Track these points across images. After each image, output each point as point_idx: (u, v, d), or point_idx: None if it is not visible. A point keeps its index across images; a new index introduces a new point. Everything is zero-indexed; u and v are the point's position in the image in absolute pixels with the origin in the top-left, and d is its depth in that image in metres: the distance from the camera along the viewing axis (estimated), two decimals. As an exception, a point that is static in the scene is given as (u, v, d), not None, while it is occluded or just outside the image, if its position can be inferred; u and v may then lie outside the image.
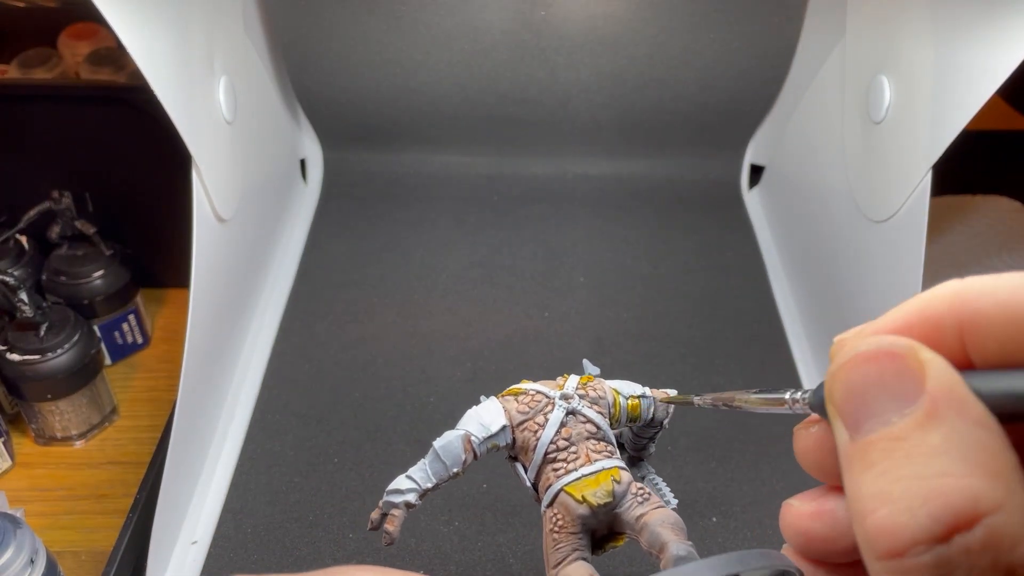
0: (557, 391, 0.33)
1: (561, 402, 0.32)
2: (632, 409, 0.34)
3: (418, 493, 0.32)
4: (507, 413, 0.33)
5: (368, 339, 0.62)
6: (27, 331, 0.54)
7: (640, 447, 0.37)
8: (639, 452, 0.38)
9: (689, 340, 0.62)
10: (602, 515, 0.30)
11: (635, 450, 0.38)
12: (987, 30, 0.43)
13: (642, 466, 0.38)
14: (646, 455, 0.38)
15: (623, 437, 0.38)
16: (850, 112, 0.58)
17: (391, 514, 0.32)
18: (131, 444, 0.58)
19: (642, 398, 0.35)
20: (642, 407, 0.34)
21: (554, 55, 0.72)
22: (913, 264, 0.46)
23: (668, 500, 0.35)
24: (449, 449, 0.32)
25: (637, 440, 0.37)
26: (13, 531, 0.43)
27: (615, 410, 0.34)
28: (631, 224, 0.73)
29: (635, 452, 0.38)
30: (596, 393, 0.33)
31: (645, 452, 0.38)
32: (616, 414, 0.34)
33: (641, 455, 0.38)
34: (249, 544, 0.49)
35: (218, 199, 0.51)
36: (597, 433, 0.32)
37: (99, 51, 0.72)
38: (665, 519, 0.29)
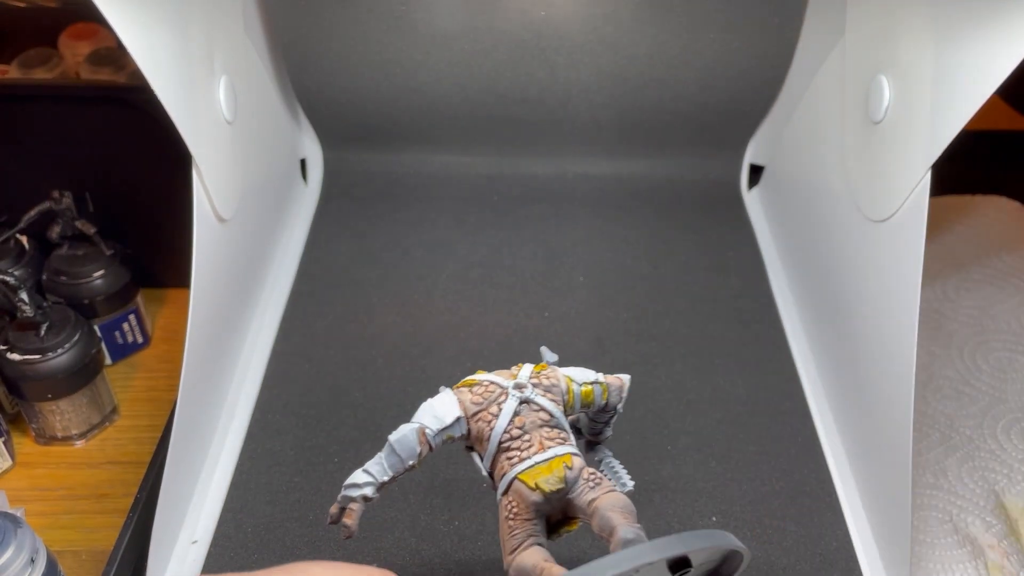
0: (511, 381, 0.33)
1: (514, 392, 0.33)
2: (585, 396, 0.35)
3: (375, 487, 0.33)
4: (461, 404, 0.33)
5: (368, 339, 0.62)
6: (27, 331, 0.54)
7: (596, 431, 0.38)
8: (596, 436, 0.38)
9: (689, 340, 0.62)
10: (555, 501, 0.31)
11: (592, 434, 0.38)
12: (986, 30, 0.43)
13: (599, 449, 0.39)
14: (603, 439, 0.38)
15: (580, 423, 0.38)
16: (850, 112, 0.58)
17: (349, 508, 0.32)
18: (131, 444, 0.58)
19: (595, 384, 0.35)
20: (595, 393, 0.35)
21: (554, 55, 0.72)
22: (912, 264, 0.46)
23: (624, 483, 0.35)
24: (404, 442, 0.33)
25: (593, 425, 0.38)
26: (13, 530, 0.43)
27: (569, 397, 0.34)
28: (631, 224, 0.73)
29: (592, 436, 0.38)
30: (549, 381, 0.34)
31: (602, 436, 0.38)
32: (570, 401, 0.34)
33: (598, 439, 0.38)
34: (249, 543, 0.49)
35: (218, 199, 0.51)
36: (550, 421, 0.32)
37: (99, 51, 0.72)
38: (615, 503, 0.30)
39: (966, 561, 0.49)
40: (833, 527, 0.50)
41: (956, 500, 0.52)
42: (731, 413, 0.57)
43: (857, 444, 0.54)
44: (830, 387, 0.59)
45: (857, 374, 0.54)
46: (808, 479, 0.53)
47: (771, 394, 0.58)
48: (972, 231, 0.72)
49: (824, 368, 0.60)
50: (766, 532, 0.50)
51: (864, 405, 0.53)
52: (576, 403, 0.34)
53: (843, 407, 0.57)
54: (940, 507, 0.52)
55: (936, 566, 0.49)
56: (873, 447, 0.51)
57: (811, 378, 0.60)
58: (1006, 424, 0.57)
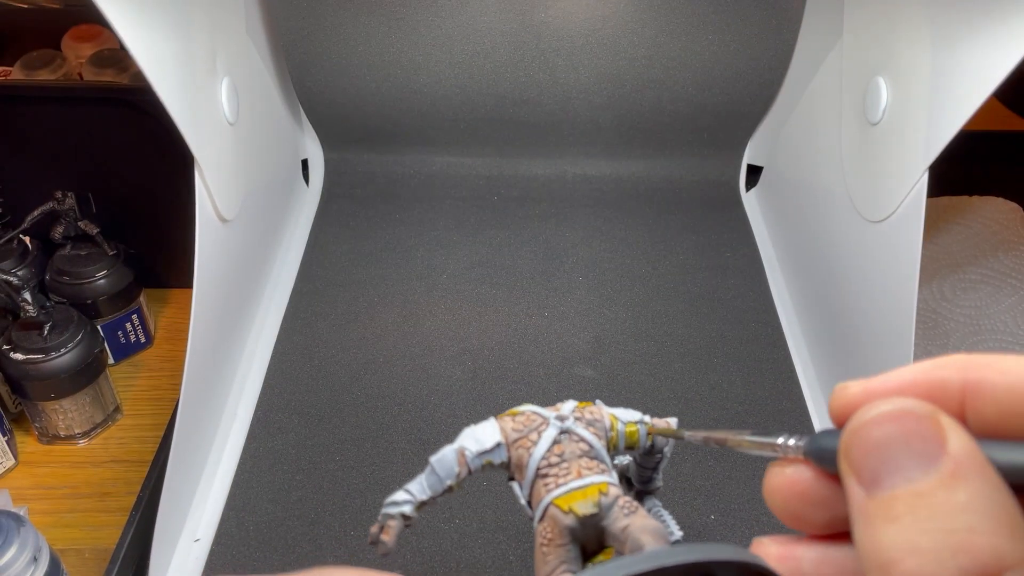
0: (554, 412, 0.33)
1: (555, 421, 0.33)
2: (630, 435, 0.34)
3: (413, 505, 0.33)
4: (503, 431, 0.33)
5: (369, 338, 0.62)
6: (31, 331, 0.55)
7: (646, 479, 0.37)
8: (645, 485, 0.38)
9: (688, 340, 0.63)
10: (589, 527, 0.31)
11: (641, 483, 0.38)
12: (984, 32, 0.43)
13: (648, 499, 0.38)
14: (652, 488, 0.38)
15: (629, 471, 0.38)
16: (847, 113, 0.58)
17: (387, 525, 0.33)
18: (134, 443, 0.59)
19: (640, 423, 0.35)
20: (640, 433, 0.35)
21: (554, 56, 0.73)
22: (910, 264, 0.47)
23: (672, 532, 0.35)
24: (443, 463, 0.33)
25: (642, 472, 0.37)
26: (17, 529, 0.44)
27: (613, 434, 0.34)
28: (630, 224, 0.74)
29: (641, 486, 0.38)
30: (592, 416, 0.34)
31: (651, 485, 0.37)
32: (614, 439, 0.34)
33: (647, 488, 0.38)
34: (251, 542, 0.49)
35: (220, 200, 0.51)
36: (590, 452, 0.32)
37: (102, 53, 0.73)
38: (647, 526, 0.30)
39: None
40: (831, 525, 0.50)
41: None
42: (729, 412, 0.57)
43: (855, 443, 0.54)
44: (828, 387, 0.59)
45: (854, 374, 0.54)
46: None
47: (769, 393, 0.59)
48: (969, 231, 0.72)
49: (822, 368, 0.61)
50: (764, 531, 0.50)
51: (862, 404, 0.53)
52: (620, 442, 0.34)
53: (841, 406, 0.57)
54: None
55: (933, 564, 0.49)
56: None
57: (808, 377, 0.61)
58: (1003, 423, 0.57)
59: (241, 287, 0.60)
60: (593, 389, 0.59)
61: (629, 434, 0.34)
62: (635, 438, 0.34)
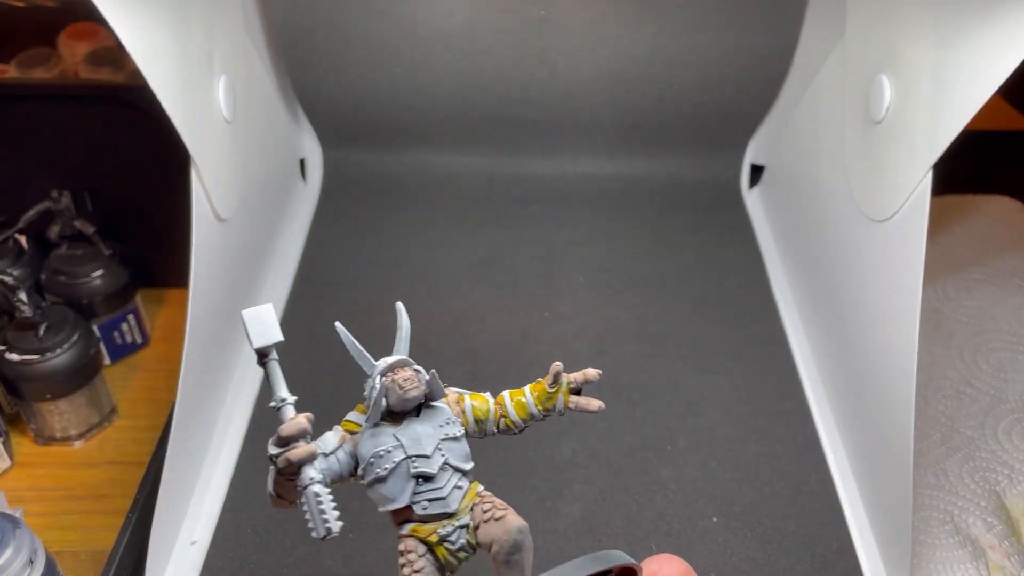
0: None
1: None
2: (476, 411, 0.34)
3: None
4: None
5: (368, 339, 0.61)
6: (26, 331, 0.54)
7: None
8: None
9: (689, 340, 0.62)
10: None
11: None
12: (988, 29, 0.43)
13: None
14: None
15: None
16: (850, 111, 0.58)
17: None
18: (130, 444, 0.58)
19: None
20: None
21: (554, 55, 0.72)
22: (914, 264, 0.46)
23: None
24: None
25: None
26: (12, 531, 0.43)
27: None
28: (631, 224, 0.73)
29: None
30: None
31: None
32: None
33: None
34: (249, 544, 0.49)
35: (217, 199, 0.51)
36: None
37: (98, 51, 0.72)
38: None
39: (967, 562, 0.49)
40: (834, 528, 0.50)
41: (957, 501, 0.52)
42: (731, 413, 0.57)
43: (858, 444, 0.54)
44: (831, 387, 0.59)
45: (858, 374, 0.54)
46: (809, 479, 0.53)
47: (771, 394, 0.58)
48: (973, 231, 0.72)
49: (825, 368, 0.60)
50: (767, 533, 0.49)
51: (865, 405, 0.53)
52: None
53: (844, 407, 0.56)
54: (941, 508, 0.52)
55: (937, 567, 0.49)
56: (874, 447, 0.51)
57: (811, 378, 0.60)
58: (1007, 424, 0.57)
59: (238, 287, 0.59)
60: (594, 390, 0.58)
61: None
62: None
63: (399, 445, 0.30)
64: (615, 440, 0.55)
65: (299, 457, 0.29)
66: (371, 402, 0.31)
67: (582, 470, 0.53)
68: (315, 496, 0.29)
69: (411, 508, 0.30)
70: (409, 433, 0.30)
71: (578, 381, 0.34)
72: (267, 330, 0.30)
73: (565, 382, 0.34)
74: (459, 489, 0.31)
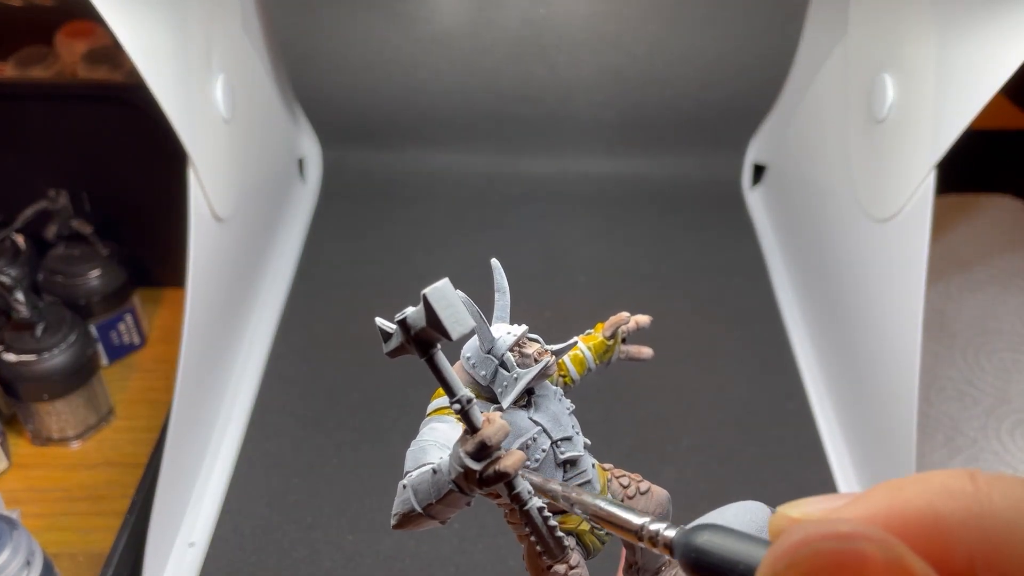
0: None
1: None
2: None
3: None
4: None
5: (367, 339, 0.61)
6: (23, 331, 0.54)
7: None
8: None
9: (690, 340, 0.62)
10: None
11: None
12: (990, 28, 0.43)
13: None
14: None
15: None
16: (853, 110, 0.58)
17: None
18: (128, 445, 0.58)
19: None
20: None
21: (554, 53, 0.72)
22: (916, 263, 0.46)
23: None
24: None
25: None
26: (9, 532, 0.43)
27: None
28: (632, 223, 0.73)
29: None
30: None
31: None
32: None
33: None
34: (247, 546, 0.48)
35: (215, 198, 0.51)
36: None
37: (96, 50, 0.72)
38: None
39: (970, 563, 0.49)
40: (836, 529, 0.50)
41: (960, 502, 0.52)
42: (733, 414, 0.57)
43: (860, 445, 0.53)
44: (833, 388, 0.58)
45: (860, 374, 0.54)
46: (811, 480, 0.52)
47: (774, 395, 0.58)
48: (976, 230, 0.71)
49: (827, 369, 0.60)
50: (768, 534, 0.49)
51: (867, 405, 0.52)
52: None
53: (846, 408, 0.56)
54: (944, 509, 0.52)
55: (940, 569, 0.48)
56: (877, 448, 0.51)
57: (814, 379, 0.60)
58: (1010, 425, 0.56)
59: (236, 287, 0.59)
60: (594, 390, 0.58)
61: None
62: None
63: (542, 430, 0.26)
64: (615, 440, 0.55)
65: (516, 466, 0.23)
66: (501, 383, 0.26)
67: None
68: (540, 512, 0.24)
69: (582, 488, 0.25)
70: (546, 415, 0.26)
71: (630, 329, 0.31)
72: (457, 314, 0.22)
73: (620, 332, 0.30)
74: (593, 468, 0.27)
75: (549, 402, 0.26)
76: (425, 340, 0.23)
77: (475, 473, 0.22)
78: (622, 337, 0.31)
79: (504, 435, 0.22)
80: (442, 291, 0.22)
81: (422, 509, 0.24)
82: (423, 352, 0.23)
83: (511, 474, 0.22)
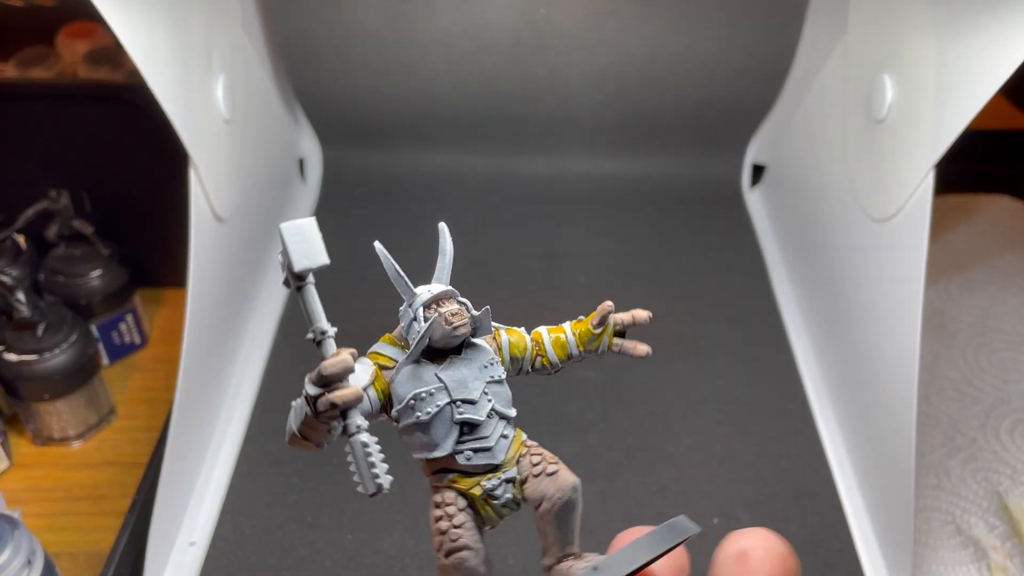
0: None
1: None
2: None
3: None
4: None
5: (367, 339, 0.61)
6: (24, 331, 0.54)
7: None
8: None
9: (690, 340, 0.62)
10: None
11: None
12: (990, 28, 0.43)
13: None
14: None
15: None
16: (852, 110, 0.58)
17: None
18: (129, 445, 0.58)
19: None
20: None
21: (554, 53, 0.72)
22: (915, 263, 0.46)
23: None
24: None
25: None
26: (10, 532, 0.43)
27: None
28: (632, 224, 0.73)
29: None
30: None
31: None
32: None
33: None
34: (247, 545, 0.48)
35: (216, 198, 0.51)
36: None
37: (97, 50, 0.72)
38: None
39: (969, 563, 0.49)
40: (836, 529, 0.50)
41: (959, 501, 0.52)
42: (733, 414, 0.57)
43: (860, 445, 0.53)
44: (832, 388, 0.58)
45: (860, 374, 0.54)
46: (810, 480, 0.53)
47: (773, 395, 0.58)
48: (975, 230, 0.71)
49: (826, 369, 0.60)
50: (768, 534, 0.49)
51: (867, 406, 0.53)
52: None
53: (846, 408, 0.56)
54: (943, 508, 0.52)
55: (939, 568, 0.49)
56: (876, 448, 0.51)
57: (813, 379, 0.60)
58: (1009, 425, 0.56)
59: (237, 287, 0.59)
60: (594, 390, 0.58)
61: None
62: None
63: (443, 387, 0.27)
64: (615, 440, 0.55)
65: (345, 400, 0.25)
66: (411, 336, 0.28)
67: (582, 470, 0.52)
68: (363, 447, 0.25)
69: (452, 457, 0.27)
70: (453, 374, 0.27)
71: (625, 323, 0.31)
72: (310, 250, 0.26)
73: (612, 323, 0.30)
74: (505, 438, 0.27)
75: (465, 365, 0.27)
76: (294, 273, 0.25)
77: (312, 399, 0.25)
78: (616, 329, 0.31)
79: (341, 369, 0.25)
80: (299, 226, 0.26)
81: (296, 428, 0.27)
82: (294, 284, 0.26)
83: (338, 404, 0.25)
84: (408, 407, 0.27)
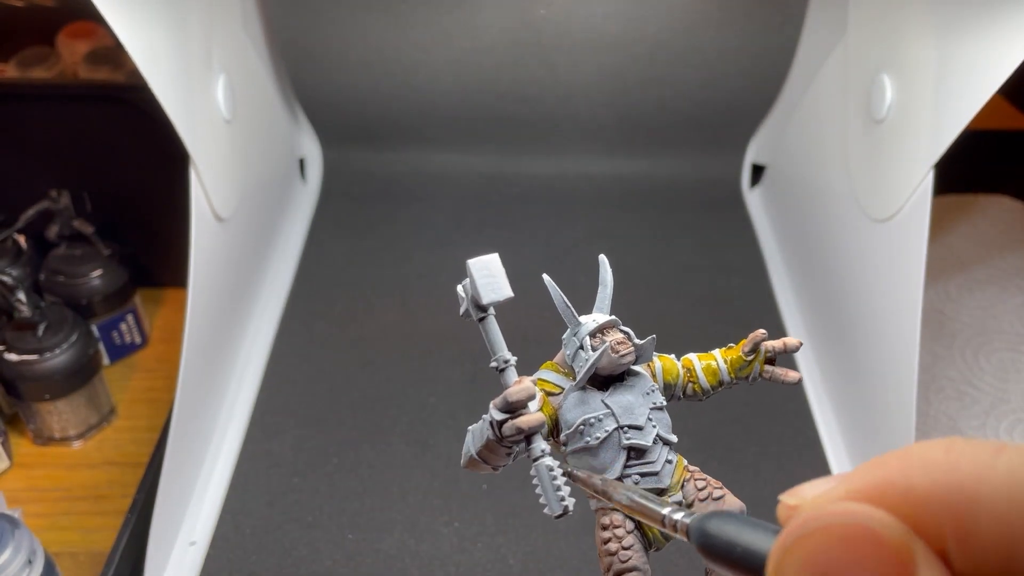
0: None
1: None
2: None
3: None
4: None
5: (367, 339, 0.62)
6: (25, 331, 0.54)
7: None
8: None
9: (690, 340, 0.62)
10: None
11: None
12: (989, 29, 0.43)
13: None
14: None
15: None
16: (852, 111, 0.58)
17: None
18: (129, 445, 0.58)
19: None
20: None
21: (554, 54, 0.72)
22: (915, 263, 0.46)
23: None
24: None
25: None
26: (11, 532, 0.43)
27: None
28: (631, 224, 0.73)
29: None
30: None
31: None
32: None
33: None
34: (248, 545, 0.49)
35: (216, 198, 0.51)
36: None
37: (97, 50, 0.72)
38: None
39: (969, 563, 0.49)
40: (835, 528, 0.50)
41: (959, 501, 0.52)
42: (732, 414, 0.57)
43: (859, 445, 0.53)
44: (832, 388, 0.58)
45: (859, 374, 0.54)
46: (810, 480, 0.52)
47: (772, 395, 0.58)
48: (975, 231, 0.72)
49: (826, 368, 0.60)
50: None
51: (866, 406, 0.53)
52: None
53: (845, 408, 0.56)
54: (943, 508, 0.52)
55: (939, 568, 0.49)
56: (876, 448, 0.51)
57: (812, 378, 0.60)
58: (1008, 424, 0.56)
59: (237, 287, 0.59)
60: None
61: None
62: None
63: (610, 413, 0.28)
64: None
65: (531, 425, 0.26)
66: (578, 364, 0.28)
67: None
68: (548, 470, 0.26)
69: (620, 481, 0.27)
70: (620, 401, 0.28)
71: (776, 350, 0.31)
72: (496, 284, 0.28)
73: (763, 350, 0.31)
74: (669, 463, 0.28)
75: (629, 391, 0.28)
76: (478, 305, 0.28)
77: (498, 424, 0.26)
78: (767, 356, 0.31)
79: (526, 396, 0.26)
80: (484, 262, 0.28)
81: (475, 452, 0.27)
82: (477, 316, 0.28)
83: (524, 429, 0.25)
84: (577, 432, 0.28)
